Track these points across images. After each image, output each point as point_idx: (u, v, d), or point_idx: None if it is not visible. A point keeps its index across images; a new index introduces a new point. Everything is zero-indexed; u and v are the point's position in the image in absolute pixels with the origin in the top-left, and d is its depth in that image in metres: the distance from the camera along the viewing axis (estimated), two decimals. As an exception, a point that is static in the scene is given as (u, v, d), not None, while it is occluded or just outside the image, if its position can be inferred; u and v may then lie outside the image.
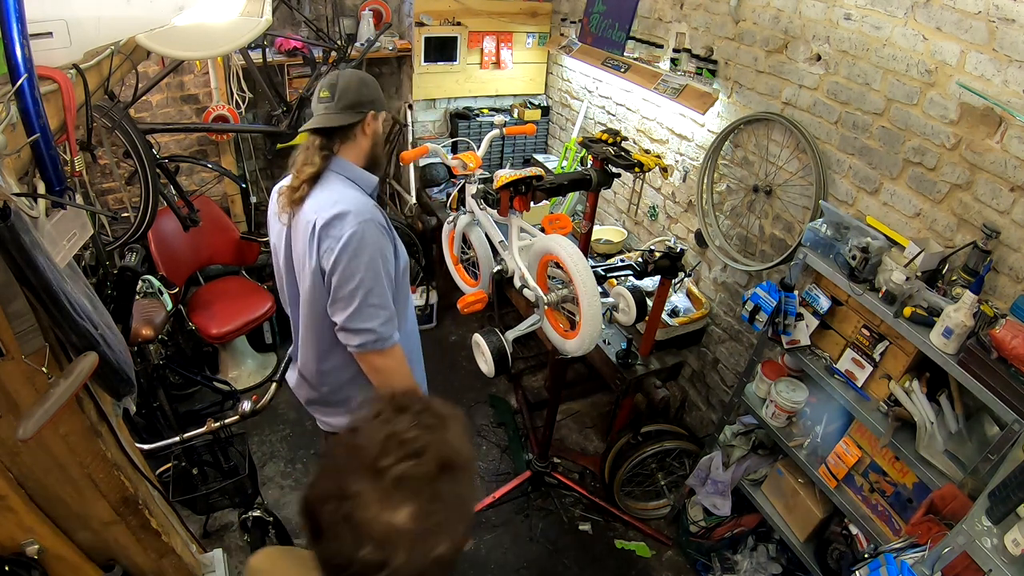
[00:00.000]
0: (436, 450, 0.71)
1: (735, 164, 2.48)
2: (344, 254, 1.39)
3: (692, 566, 2.58)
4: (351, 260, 1.40)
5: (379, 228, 1.45)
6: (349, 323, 1.44)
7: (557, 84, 3.75)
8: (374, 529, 0.66)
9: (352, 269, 1.40)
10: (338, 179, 1.51)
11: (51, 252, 0.83)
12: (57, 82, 0.87)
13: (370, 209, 1.46)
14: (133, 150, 2.33)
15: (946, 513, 1.56)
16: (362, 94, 1.51)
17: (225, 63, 3.21)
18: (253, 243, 3.30)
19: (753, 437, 2.32)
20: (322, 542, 0.70)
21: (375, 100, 1.55)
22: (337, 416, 1.75)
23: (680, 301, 2.62)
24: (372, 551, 0.66)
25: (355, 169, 1.55)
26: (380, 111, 1.58)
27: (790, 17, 2.11)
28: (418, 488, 0.68)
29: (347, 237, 1.39)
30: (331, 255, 1.40)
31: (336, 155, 1.53)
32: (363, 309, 1.43)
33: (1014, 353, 1.39)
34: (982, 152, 1.64)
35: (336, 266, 1.41)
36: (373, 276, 1.42)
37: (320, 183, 1.49)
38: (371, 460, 0.68)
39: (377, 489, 0.67)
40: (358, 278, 1.41)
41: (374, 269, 1.42)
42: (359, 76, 1.54)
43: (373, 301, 1.43)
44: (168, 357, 2.75)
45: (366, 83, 1.54)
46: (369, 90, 1.54)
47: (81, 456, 1.06)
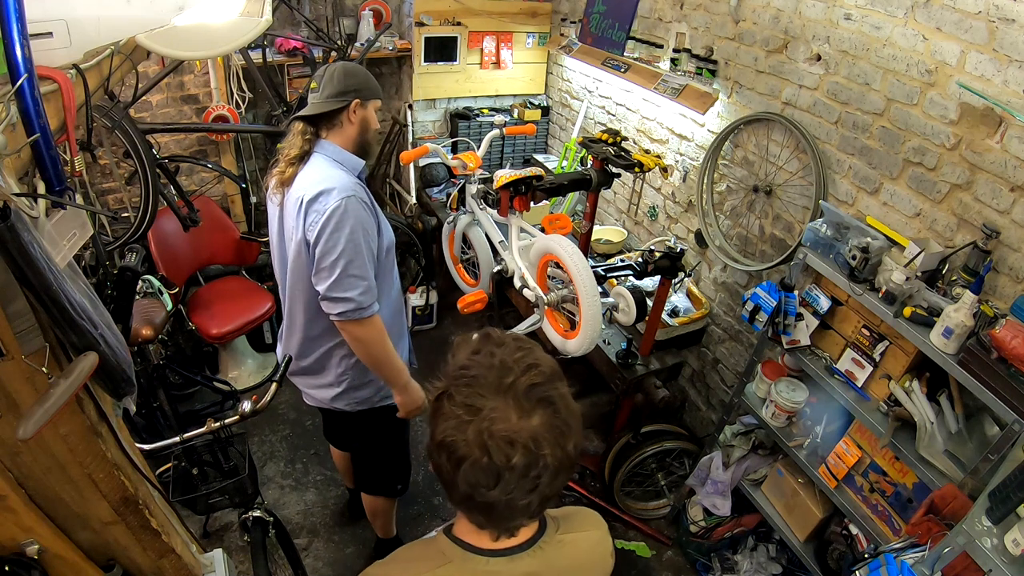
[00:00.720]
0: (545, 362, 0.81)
1: (735, 164, 2.48)
2: (327, 226, 1.49)
3: (692, 566, 2.58)
4: (333, 232, 1.49)
5: (362, 204, 1.54)
6: (330, 292, 1.53)
7: (557, 84, 3.75)
8: (520, 435, 0.74)
9: (334, 240, 1.49)
10: (324, 160, 1.60)
11: (51, 252, 0.83)
12: (57, 82, 0.87)
13: (353, 186, 1.55)
14: (133, 150, 2.33)
15: (946, 513, 1.56)
16: (346, 83, 1.59)
17: (225, 63, 3.21)
18: (253, 243, 3.30)
19: (753, 437, 2.32)
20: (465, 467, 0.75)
21: (359, 89, 1.61)
22: (321, 389, 1.85)
23: (680, 301, 2.62)
24: (523, 455, 0.73)
25: (340, 151, 1.63)
26: (367, 100, 1.64)
27: (790, 17, 2.11)
28: (543, 394, 0.77)
29: (331, 211, 1.48)
30: (315, 228, 1.50)
31: (322, 139, 1.63)
32: (343, 279, 1.52)
33: (1014, 353, 1.39)
34: (982, 152, 1.64)
35: (320, 237, 1.50)
36: (354, 248, 1.51)
37: (307, 164, 1.60)
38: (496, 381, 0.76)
39: (511, 402, 0.75)
40: (339, 249, 1.50)
41: (355, 241, 1.51)
42: (344, 67, 1.62)
43: (353, 272, 1.52)
44: (168, 357, 2.75)
45: (351, 73, 1.61)
46: (354, 79, 1.60)
47: (81, 456, 1.05)
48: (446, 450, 0.76)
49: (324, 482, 2.80)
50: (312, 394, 1.90)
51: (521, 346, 0.82)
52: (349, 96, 1.61)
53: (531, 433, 0.74)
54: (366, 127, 1.67)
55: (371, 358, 1.69)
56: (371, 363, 1.71)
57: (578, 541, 0.93)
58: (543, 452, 0.75)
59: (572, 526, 0.94)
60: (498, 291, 2.28)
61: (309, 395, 1.91)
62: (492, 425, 0.74)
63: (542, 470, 0.75)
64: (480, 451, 0.74)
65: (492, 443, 0.73)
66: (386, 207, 4.04)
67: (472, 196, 2.22)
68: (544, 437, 0.75)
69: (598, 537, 0.98)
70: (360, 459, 2.15)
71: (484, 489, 0.75)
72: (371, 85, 1.65)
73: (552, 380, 0.79)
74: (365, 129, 1.67)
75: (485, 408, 0.74)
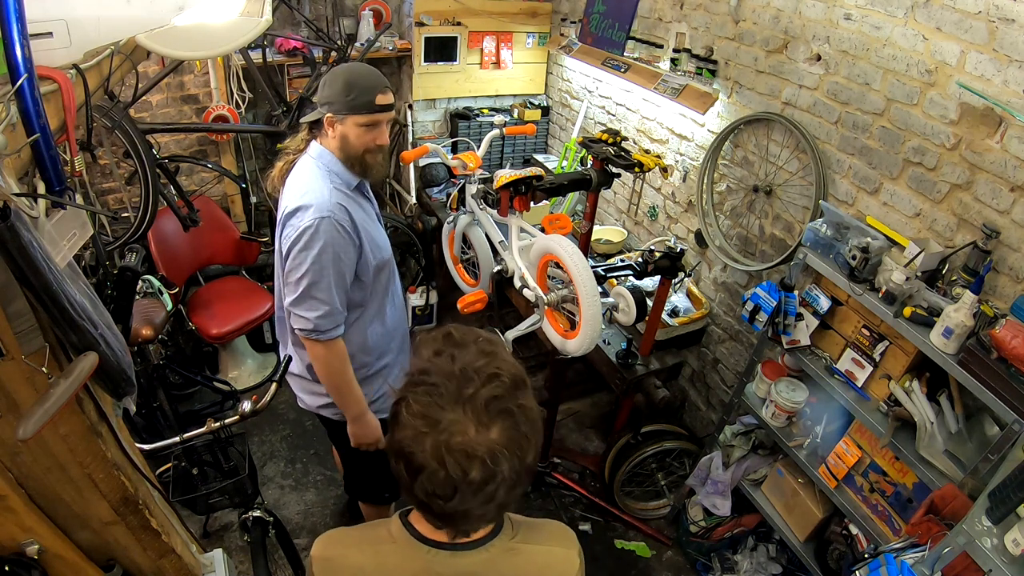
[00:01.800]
0: (507, 370, 0.78)
1: (735, 164, 2.48)
2: (297, 244, 1.49)
3: (692, 566, 2.58)
4: (301, 251, 1.49)
5: (336, 227, 1.50)
6: (292, 307, 1.55)
7: (557, 84, 3.75)
8: (478, 450, 0.73)
9: (301, 259, 1.49)
10: (313, 166, 1.58)
11: (51, 252, 0.83)
12: (57, 82, 0.87)
13: (331, 206, 1.50)
14: (133, 150, 2.33)
15: (946, 513, 1.56)
16: (320, 94, 1.56)
17: (225, 63, 3.21)
18: (253, 243, 3.30)
19: (753, 437, 2.32)
20: (422, 478, 0.75)
21: (331, 102, 1.53)
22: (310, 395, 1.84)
23: (680, 301, 2.62)
24: (480, 470, 0.73)
25: (332, 159, 1.59)
26: (340, 115, 1.53)
27: (790, 17, 2.11)
28: (504, 406, 0.75)
29: (302, 228, 1.48)
30: (287, 242, 1.51)
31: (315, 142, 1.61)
32: (304, 299, 1.52)
33: (1014, 353, 1.39)
34: (982, 152, 1.64)
35: (289, 253, 1.51)
36: (318, 270, 1.49)
37: (298, 168, 1.59)
38: (455, 392, 0.75)
39: (469, 415, 0.74)
40: (303, 268, 1.49)
41: (321, 264, 1.49)
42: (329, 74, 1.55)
43: (315, 294, 1.51)
44: (168, 357, 2.75)
45: (327, 82, 1.54)
46: (328, 90, 1.53)
47: (81, 456, 1.05)
48: (404, 459, 0.76)
49: (324, 482, 2.80)
50: (303, 398, 1.89)
51: (483, 350, 0.80)
52: (322, 109, 1.55)
53: (489, 447, 0.73)
54: (346, 143, 1.57)
55: (327, 380, 1.67)
56: (327, 385, 1.68)
57: (534, 554, 0.91)
58: (500, 467, 0.74)
59: (533, 537, 0.92)
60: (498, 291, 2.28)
61: (300, 399, 1.90)
62: (450, 438, 0.73)
63: (499, 484, 0.75)
64: (437, 463, 0.73)
65: (449, 457, 0.73)
66: (386, 207, 4.04)
67: (472, 196, 2.21)
68: (502, 451, 0.74)
69: (560, 555, 0.95)
70: (348, 466, 2.12)
71: (440, 500, 0.75)
72: (346, 99, 1.51)
73: (514, 391, 0.77)
74: (344, 146, 1.57)
75: (443, 420, 0.74)
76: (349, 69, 1.55)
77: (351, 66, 1.57)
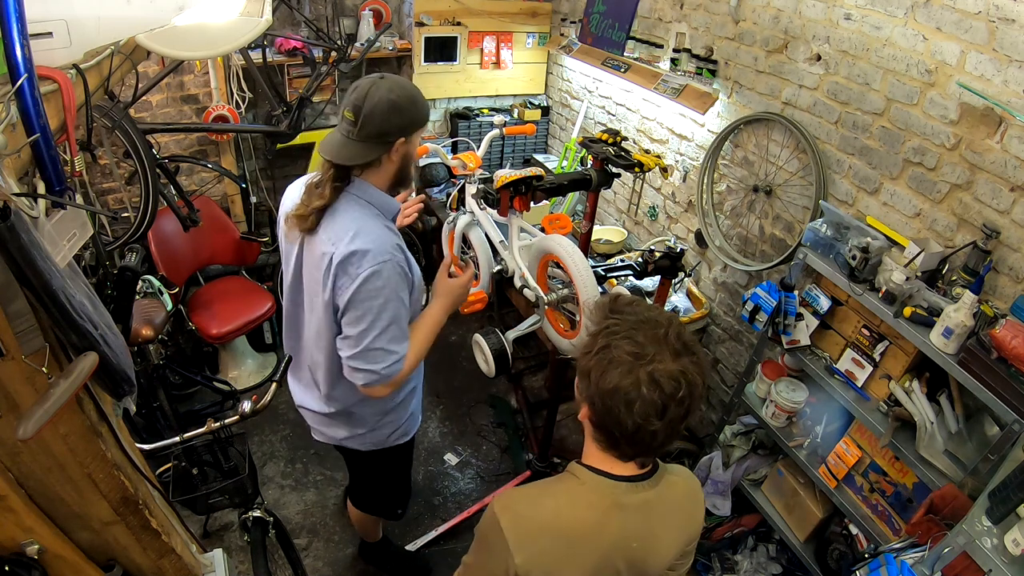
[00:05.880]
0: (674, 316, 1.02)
1: (735, 164, 2.48)
2: (359, 295, 1.34)
3: (692, 566, 2.58)
4: (365, 301, 1.35)
5: (398, 269, 1.37)
6: (353, 362, 1.41)
7: (557, 84, 3.75)
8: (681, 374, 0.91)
9: (364, 309, 1.35)
10: (356, 203, 1.40)
11: (51, 252, 0.83)
12: (57, 82, 0.87)
13: (391, 248, 1.36)
14: (133, 150, 2.33)
15: (946, 513, 1.56)
16: (390, 123, 1.32)
17: (225, 63, 3.21)
18: (253, 243, 3.29)
19: (753, 437, 2.32)
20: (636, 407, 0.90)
21: (407, 126, 1.36)
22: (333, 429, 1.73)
23: (680, 301, 2.62)
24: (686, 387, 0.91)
25: (376, 193, 1.42)
26: (411, 135, 1.39)
27: (790, 17, 2.11)
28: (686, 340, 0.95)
29: (363, 279, 1.32)
30: (345, 293, 1.35)
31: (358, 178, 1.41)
32: (368, 352, 1.39)
33: (1014, 353, 1.39)
34: (982, 152, 1.64)
35: (348, 306, 1.36)
36: (387, 319, 1.37)
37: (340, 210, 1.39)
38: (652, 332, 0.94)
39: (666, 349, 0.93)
40: (368, 320, 1.36)
41: (387, 312, 1.37)
42: (390, 101, 1.31)
43: (379, 345, 1.39)
44: (168, 357, 2.75)
45: (398, 109, 1.32)
46: (401, 117, 1.33)
47: (81, 456, 1.05)
48: (618, 393, 0.91)
49: (324, 482, 2.80)
50: (322, 431, 1.76)
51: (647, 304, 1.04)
52: (393, 137, 1.35)
53: (686, 370, 0.92)
54: (407, 161, 1.43)
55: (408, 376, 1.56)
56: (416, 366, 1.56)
57: (680, 482, 1.10)
58: (697, 385, 0.93)
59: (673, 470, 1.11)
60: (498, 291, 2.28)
61: (319, 431, 1.78)
62: (658, 366, 0.90)
63: (694, 400, 0.93)
64: (650, 388, 0.90)
65: (662, 380, 0.90)
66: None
67: (472, 196, 2.21)
68: (696, 372, 0.93)
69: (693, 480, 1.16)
70: (363, 486, 2.05)
71: (655, 419, 0.91)
72: (420, 114, 1.38)
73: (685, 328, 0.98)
74: (406, 163, 1.44)
75: (649, 354, 0.91)
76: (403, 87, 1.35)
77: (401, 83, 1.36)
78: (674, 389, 0.90)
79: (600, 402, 0.94)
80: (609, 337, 0.95)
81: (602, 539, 0.99)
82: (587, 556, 0.98)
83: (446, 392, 3.35)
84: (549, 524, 0.99)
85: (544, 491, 1.06)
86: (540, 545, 0.97)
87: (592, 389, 0.95)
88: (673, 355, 0.92)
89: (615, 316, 0.97)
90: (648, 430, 0.92)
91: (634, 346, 0.92)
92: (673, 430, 0.95)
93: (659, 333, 0.94)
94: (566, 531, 0.98)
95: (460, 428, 3.15)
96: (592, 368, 0.95)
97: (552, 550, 0.98)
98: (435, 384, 3.38)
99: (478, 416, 3.23)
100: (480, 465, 2.97)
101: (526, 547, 0.96)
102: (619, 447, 0.99)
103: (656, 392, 0.90)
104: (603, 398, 0.93)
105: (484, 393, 3.38)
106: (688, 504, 1.11)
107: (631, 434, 0.94)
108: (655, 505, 1.03)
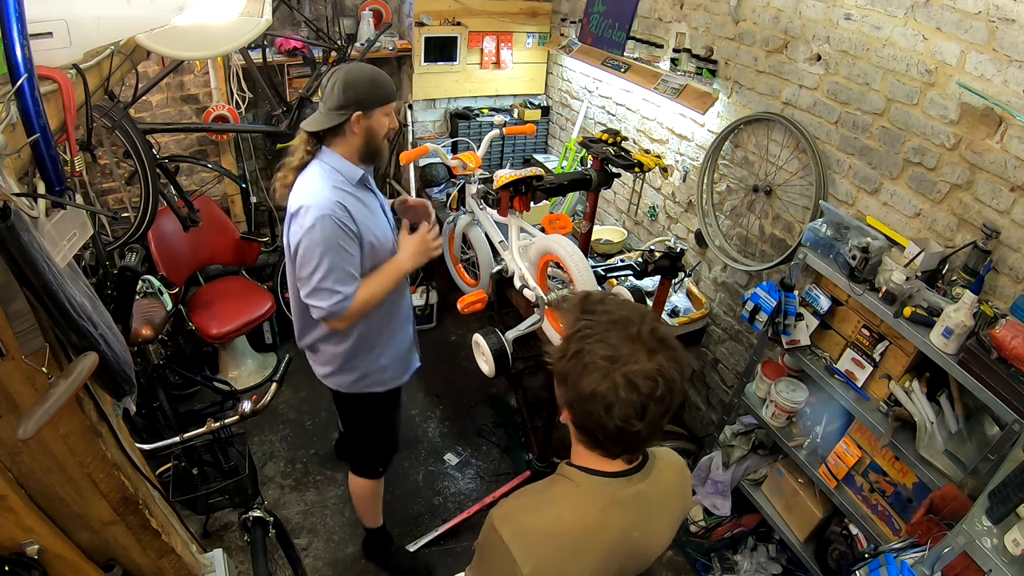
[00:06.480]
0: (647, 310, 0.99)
1: (735, 164, 2.48)
2: (302, 243, 1.61)
3: (692, 566, 2.58)
4: (308, 248, 1.60)
5: (337, 223, 1.60)
6: (307, 300, 1.68)
7: (557, 84, 3.75)
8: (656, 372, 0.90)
9: (308, 256, 1.61)
10: (319, 169, 1.67)
11: (51, 252, 0.83)
12: (57, 82, 0.87)
13: (332, 205, 1.60)
14: (133, 150, 2.33)
15: (946, 513, 1.56)
16: (345, 96, 1.60)
17: (225, 63, 3.21)
18: (253, 243, 3.29)
19: (753, 437, 2.32)
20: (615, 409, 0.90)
21: (360, 101, 1.61)
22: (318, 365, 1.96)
23: (680, 301, 2.62)
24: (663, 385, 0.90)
25: (338, 160, 1.68)
26: (370, 109, 1.64)
27: (790, 17, 2.11)
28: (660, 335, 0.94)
29: (306, 228, 1.59)
30: (294, 240, 1.63)
31: (326, 147, 1.69)
32: (317, 291, 1.64)
33: (1014, 353, 1.39)
34: (982, 152, 1.64)
35: (297, 251, 1.63)
36: (327, 265, 1.61)
37: (304, 173, 1.68)
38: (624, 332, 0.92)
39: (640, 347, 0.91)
40: (313, 264, 1.61)
41: (328, 257, 1.61)
42: (344, 76, 1.61)
43: (326, 285, 1.63)
44: (168, 357, 2.75)
45: (350, 83, 1.60)
46: (353, 91, 1.60)
47: (81, 456, 1.06)
48: (596, 398, 0.90)
49: (324, 482, 2.80)
50: (314, 368, 2.00)
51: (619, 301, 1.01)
52: (349, 110, 1.62)
53: (662, 367, 0.90)
54: (371, 136, 1.68)
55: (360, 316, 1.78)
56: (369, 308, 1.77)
57: (668, 469, 1.11)
58: (674, 381, 0.91)
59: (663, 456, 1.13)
60: (498, 291, 2.28)
61: (314, 368, 2.01)
62: (633, 367, 0.89)
63: (674, 395, 0.92)
64: (627, 390, 0.89)
65: (638, 381, 0.89)
66: (386, 207, 4.04)
67: (472, 196, 2.22)
68: (671, 369, 0.91)
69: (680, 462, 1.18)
70: (348, 437, 2.28)
71: (635, 420, 0.90)
72: (375, 94, 1.63)
73: (660, 322, 0.97)
74: (370, 138, 1.68)
75: (623, 356, 0.90)
76: (362, 69, 1.65)
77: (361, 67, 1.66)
78: (651, 389, 0.89)
79: (579, 407, 0.94)
80: (582, 341, 0.93)
81: (605, 536, 1.00)
82: (593, 554, 0.99)
83: (446, 392, 3.35)
84: (552, 530, 0.99)
85: (542, 498, 1.05)
86: (546, 552, 0.98)
87: (570, 394, 0.95)
88: (648, 353, 0.91)
89: (587, 317, 0.96)
90: (630, 431, 0.92)
91: (608, 348, 0.91)
92: (656, 427, 0.95)
93: (632, 332, 0.92)
94: (570, 534, 0.99)
95: (460, 428, 3.15)
96: (568, 373, 0.94)
97: (558, 555, 0.98)
98: (435, 384, 3.38)
99: (478, 416, 3.23)
100: (480, 465, 2.97)
101: (533, 557, 0.96)
102: (604, 447, 0.99)
103: (634, 394, 0.89)
104: (581, 403, 0.93)
105: (484, 393, 3.38)
106: (678, 486, 1.14)
107: (614, 436, 0.94)
108: (649, 495, 1.04)
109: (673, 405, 0.93)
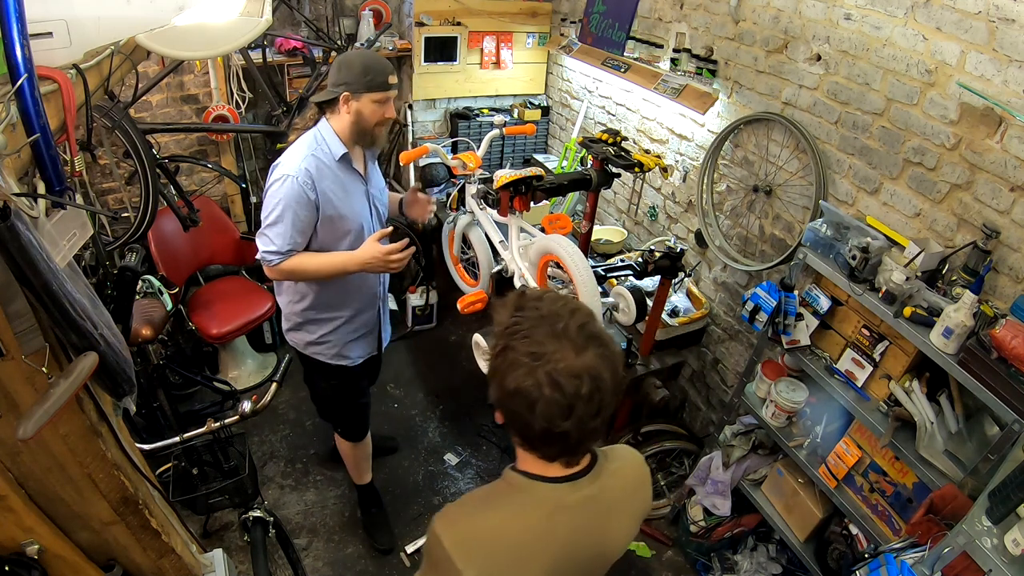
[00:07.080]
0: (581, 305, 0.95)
1: (735, 164, 2.48)
2: (266, 193, 1.78)
3: (692, 566, 2.58)
4: (269, 198, 1.77)
5: (298, 186, 1.73)
6: (256, 238, 1.84)
7: (557, 84, 3.75)
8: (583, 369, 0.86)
9: (266, 204, 1.78)
10: (309, 135, 1.82)
11: (51, 252, 0.83)
12: (57, 82, 0.87)
13: (299, 169, 1.74)
14: (133, 150, 2.33)
15: (946, 513, 1.56)
16: (338, 76, 1.76)
17: (225, 63, 3.21)
18: (253, 243, 3.28)
19: (753, 437, 2.32)
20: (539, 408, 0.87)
21: (348, 83, 1.75)
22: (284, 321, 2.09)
23: (680, 301, 2.62)
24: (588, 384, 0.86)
25: (331, 133, 1.82)
26: (357, 93, 1.75)
27: (790, 17, 2.11)
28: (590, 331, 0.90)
29: (271, 181, 1.77)
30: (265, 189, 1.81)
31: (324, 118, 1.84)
32: (261, 235, 1.81)
33: (1014, 353, 1.39)
34: (982, 152, 1.64)
35: (262, 199, 1.82)
36: (276, 217, 1.76)
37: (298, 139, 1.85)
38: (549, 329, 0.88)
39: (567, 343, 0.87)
40: (267, 212, 1.78)
41: (280, 212, 1.75)
42: (342, 59, 1.77)
43: (267, 232, 1.79)
44: (168, 357, 2.75)
45: (344, 65, 1.75)
46: (345, 73, 1.75)
47: (81, 456, 1.06)
48: (520, 396, 0.88)
49: (324, 482, 2.80)
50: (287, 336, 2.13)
51: (555, 297, 0.96)
52: (339, 89, 1.75)
53: (589, 364, 0.87)
54: (360, 118, 1.79)
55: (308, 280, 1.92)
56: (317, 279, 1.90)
57: (623, 468, 1.08)
58: (603, 379, 0.87)
59: (616, 456, 1.08)
60: (498, 291, 2.28)
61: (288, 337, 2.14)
62: (557, 365, 0.86)
63: (604, 394, 0.88)
64: (551, 389, 0.85)
65: (562, 379, 0.85)
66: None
67: (472, 196, 2.22)
68: (600, 366, 0.87)
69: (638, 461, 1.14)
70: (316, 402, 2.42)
71: (560, 420, 0.87)
72: (364, 79, 1.73)
73: (592, 318, 0.93)
74: (359, 120, 1.79)
75: (547, 352, 0.87)
76: (363, 54, 1.78)
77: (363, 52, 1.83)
78: (577, 387, 0.86)
79: (505, 405, 0.92)
80: (509, 338, 0.90)
81: (552, 541, 0.97)
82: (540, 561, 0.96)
83: (446, 392, 3.35)
84: (495, 538, 0.96)
85: (485, 504, 1.02)
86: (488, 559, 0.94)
87: (497, 392, 0.92)
88: (576, 350, 0.87)
89: (519, 314, 0.92)
90: (556, 432, 0.89)
91: (532, 345, 0.88)
92: (588, 428, 0.91)
93: (558, 328, 0.89)
94: (514, 541, 0.96)
95: (460, 428, 3.15)
96: (496, 370, 0.92)
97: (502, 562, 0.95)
98: (435, 384, 3.38)
99: (478, 416, 3.23)
100: (480, 465, 2.97)
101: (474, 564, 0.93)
102: (538, 449, 0.96)
103: (558, 392, 0.85)
104: (507, 401, 0.91)
105: (484, 393, 3.37)
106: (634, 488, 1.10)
107: (541, 436, 0.91)
108: (600, 499, 1.00)
109: (605, 404, 0.89)
